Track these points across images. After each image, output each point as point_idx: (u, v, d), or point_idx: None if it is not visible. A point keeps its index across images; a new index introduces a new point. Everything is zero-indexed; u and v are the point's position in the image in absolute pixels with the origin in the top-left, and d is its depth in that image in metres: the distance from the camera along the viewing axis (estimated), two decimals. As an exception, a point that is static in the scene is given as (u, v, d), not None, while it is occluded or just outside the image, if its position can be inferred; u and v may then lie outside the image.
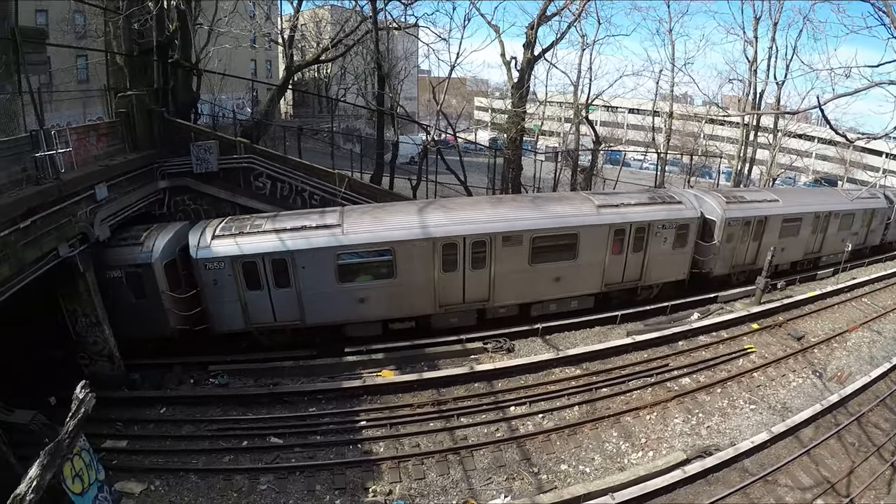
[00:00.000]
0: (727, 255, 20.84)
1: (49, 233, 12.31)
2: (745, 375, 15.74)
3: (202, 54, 25.94)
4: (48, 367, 14.56)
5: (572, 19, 28.17)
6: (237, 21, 29.02)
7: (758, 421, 13.81)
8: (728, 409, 14.27)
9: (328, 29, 40.41)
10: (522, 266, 17.19)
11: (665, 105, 38.40)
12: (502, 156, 28.55)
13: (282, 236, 15.53)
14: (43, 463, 7.20)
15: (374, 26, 25.61)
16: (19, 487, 7.08)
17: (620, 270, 18.78)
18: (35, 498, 7.16)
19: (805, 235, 22.94)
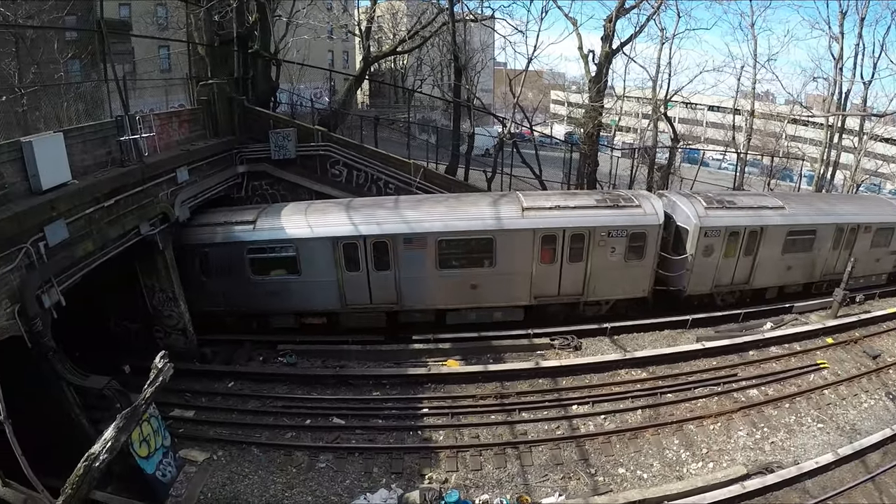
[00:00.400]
0: (706, 271, 17.71)
1: (131, 212, 12.97)
2: (815, 392, 14.51)
3: (281, 45, 26.79)
4: (124, 337, 15.48)
5: (651, 12, 26.95)
6: (315, 13, 29.84)
7: (824, 441, 12.75)
8: (794, 426, 13.25)
9: (404, 20, 40.74)
10: (430, 271, 16.16)
11: (746, 103, 36.12)
12: (578, 150, 27.79)
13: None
14: (119, 426, 7.48)
15: (451, 18, 25.40)
16: (94, 447, 7.39)
17: (555, 283, 16.85)
18: (108, 458, 7.46)
19: (821, 252, 18.88)
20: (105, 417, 9.95)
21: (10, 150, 9.73)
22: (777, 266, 18.52)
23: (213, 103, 18.00)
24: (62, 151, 10.79)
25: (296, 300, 16.55)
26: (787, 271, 18.79)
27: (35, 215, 9.73)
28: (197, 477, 11.00)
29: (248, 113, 19.39)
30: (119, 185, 12.43)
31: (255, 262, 15.99)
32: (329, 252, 15.80)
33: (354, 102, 35.79)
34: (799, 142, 41.52)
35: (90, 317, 14.73)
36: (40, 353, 9.40)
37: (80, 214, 11.07)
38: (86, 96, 14.32)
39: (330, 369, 15.21)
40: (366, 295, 16.42)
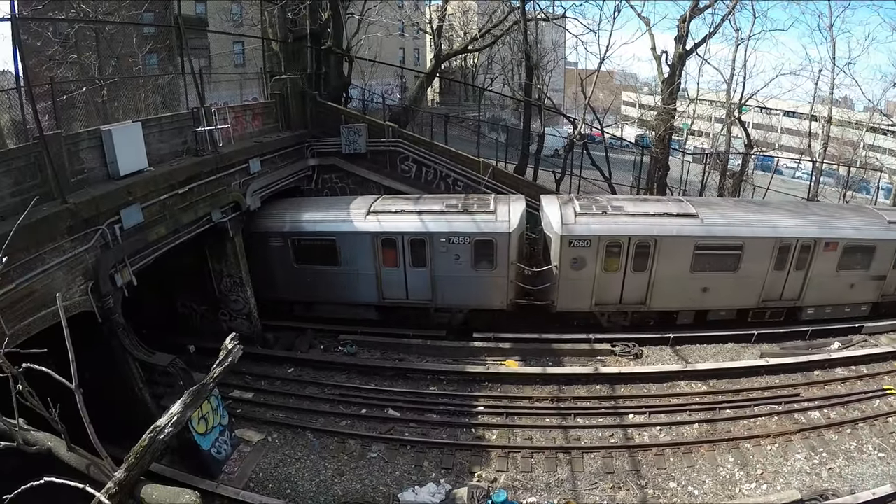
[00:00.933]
0: (582, 286, 15.99)
1: (204, 199, 13.58)
2: (880, 419, 13.25)
3: (353, 42, 27.28)
4: (190, 319, 16.18)
5: (726, 12, 25.49)
6: (387, 10, 30.22)
7: (884, 471, 11.62)
8: (854, 453, 12.16)
9: (475, 19, 40.53)
10: (287, 266, 16.67)
11: (823, 109, 33.49)
12: (649, 154, 26.69)
13: None
14: (186, 401, 7.73)
15: (523, 17, 25.06)
16: (161, 419, 7.69)
17: (401, 286, 16.46)
18: (173, 431, 7.73)
19: (754, 272, 16.07)
20: (166, 393, 10.46)
21: (90, 137, 10.40)
22: (684, 286, 16.15)
23: (285, 97, 18.55)
24: (140, 140, 11.43)
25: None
26: (703, 293, 16.28)
27: (112, 199, 10.35)
28: (250, 456, 11.33)
29: (320, 107, 19.83)
30: (193, 173, 13.05)
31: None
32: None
33: (425, 100, 36.04)
34: (877, 152, 38.31)
35: (159, 297, 15.57)
36: (110, 328, 9.97)
37: (154, 200, 11.71)
38: (163, 89, 15.16)
39: (389, 361, 15.36)
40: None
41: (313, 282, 16.77)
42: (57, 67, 20.21)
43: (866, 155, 37.18)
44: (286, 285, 17.00)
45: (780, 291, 16.59)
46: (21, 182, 9.03)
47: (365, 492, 10.83)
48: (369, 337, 16.58)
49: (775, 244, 15.86)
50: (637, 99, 59.45)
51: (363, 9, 26.58)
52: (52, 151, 9.12)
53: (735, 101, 29.64)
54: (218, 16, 32.40)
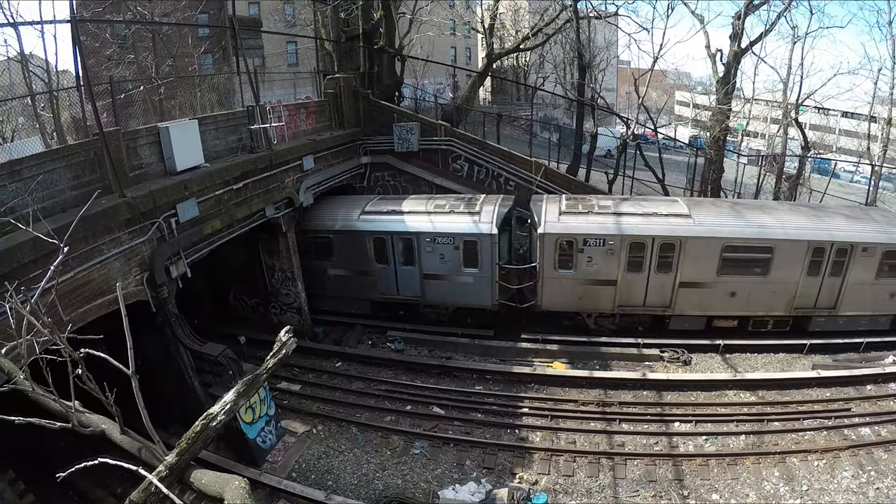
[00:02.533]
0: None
1: (258, 195, 13.97)
2: None
3: (405, 41, 27.46)
4: (241, 311, 16.67)
5: (782, 9, 24.16)
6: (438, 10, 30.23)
7: None
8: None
9: (527, 17, 40.07)
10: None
11: (883, 110, 31.40)
12: (703, 155, 25.76)
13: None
14: (239, 390, 7.86)
15: (575, 15, 24.57)
16: (213, 408, 7.90)
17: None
18: (225, 419, 7.92)
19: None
20: (215, 382, 10.78)
21: (148, 134, 10.86)
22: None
23: (338, 96, 18.86)
24: (196, 137, 11.86)
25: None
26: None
27: (169, 194, 10.77)
28: (295, 447, 11.55)
29: (373, 106, 20.05)
30: (248, 169, 13.43)
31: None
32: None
33: (477, 99, 35.93)
34: None
35: (212, 289, 16.12)
36: (164, 318, 10.37)
37: (210, 195, 12.13)
38: (218, 87, 15.68)
39: (436, 359, 15.40)
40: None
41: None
42: (115, 67, 21.18)
43: None
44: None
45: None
46: (80, 176, 9.50)
47: (406, 487, 10.86)
48: (416, 334, 16.64)
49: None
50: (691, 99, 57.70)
51: (415, 8, 26.75)
52: (110, 147, 9.54)
53: (791, 101, 28.43)
54: (271, 16, 33.34)
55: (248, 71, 13.94)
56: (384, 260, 16.55)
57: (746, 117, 35.97)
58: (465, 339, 16.26)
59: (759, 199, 26.14)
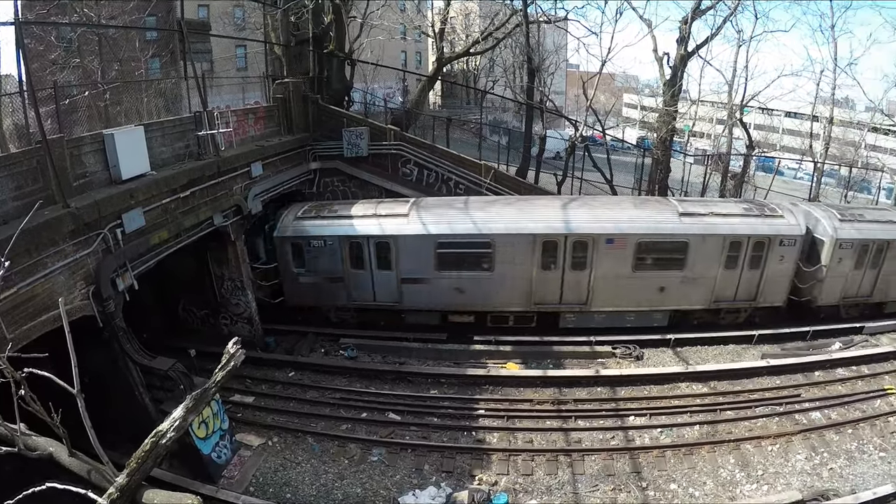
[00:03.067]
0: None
1: (206, 203, 13.61)
2: (880, 419, 13.36)
3: (355, 45, 27.34)
4: (191, 322, 16.20)
5: (728, 14, 25.57)
6: (389, 14, 30.34)
7: (885, 471, 11.71)
8: (855, 453, 12.26)
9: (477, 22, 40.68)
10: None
11: (825, 109, 33.61)
12: (650, 156, 26.72)
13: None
14: (188, 406, 7.73)
15: (525, 19, 25.15)
16: (163, 425, 7.70)
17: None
18: (175, 436, 7.74)
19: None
20: (166, 398, 10.47)
21: (93, 141, 10.45)
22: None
23: (288, 101, 18.59)
24: (142, 144, 11.48)
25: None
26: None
27: (114, 203, 10.38)
28: (251, 461, 11.34)
29: (322, 111, 19.84)
30: (195, 177, 13.09)
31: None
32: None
33: (427, 103, 36.13)
34: (879, 152, 38.98)
35: (161, 301, 15.59)
36: (111, 333, 9.98)
37: (156, 204, 11.75)
38: (165, 92, 15.23)
39: (389, 365, 15.35)
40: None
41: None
42: (60, 71, 20.29)
43: (868, 155, 37.51)
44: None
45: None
46: (23, 186, 9.06)
47: (365, 496, 10.83)
48: (370, 341, 16.56)
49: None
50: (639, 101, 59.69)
51: (365, 12, 26.70)
52: (54, 155, 9.14)
53: (736, 102, 29.71)
54: (220, 20, 32.49)
55: (195, 75, 13.60)
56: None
57: (693, 118, 37.31)
58: (418, 343, 16.27)
59: (705, 196, 27.34)
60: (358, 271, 16.41)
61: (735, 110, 29.62)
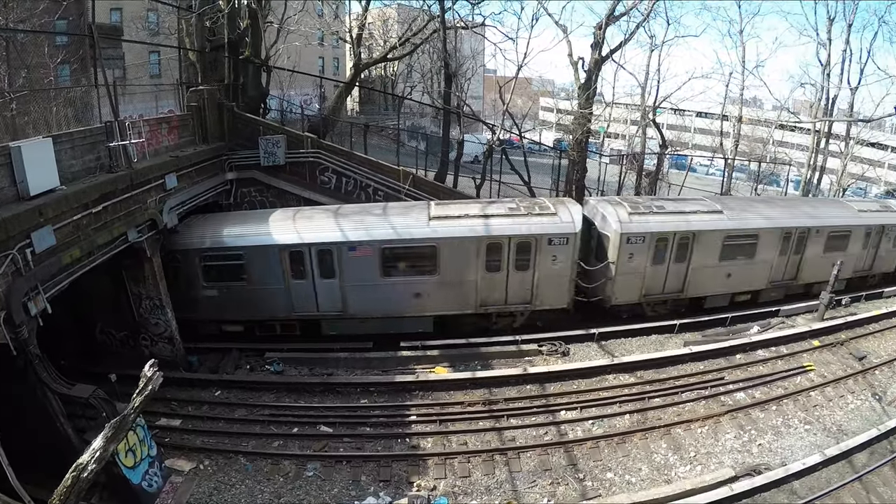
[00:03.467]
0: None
1: (119, 218, 12.90)
2: (802, 394, 14.82)
3: (272, 51, 26.83)
4: (110, 345, 15.26)
5: (641, 19, 27.41)
6: (306, 19, 29.91)
7: (811, 442, 13.03)
8: (781, 428, 13.51)
9: (395, 27, 40.98)
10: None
11: (734, 109, 36.75)
12: (567, 157, 27.98)
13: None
14: (107, 435, 7.40)
15: (442, 25, 25.62)
16: (82, 457, 7.32)
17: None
18: (97, 468, 7.39)
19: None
20: (90, 427, 9.89)
21: (-1, 155, 9.66)
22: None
23: (202, 109, 17.96)
24: (51, 157, 10.74)
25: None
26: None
27: (22, 221, 9.66)
28: (183, 487, 10.90)
29: (238, 119, 19.32)
30: (107, 190, 12.38)
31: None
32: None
33: (344, 109, 35.92)
34: (786, 147, 42.09)
35: (77, 325, 14.60)
36: (25, 361, 9.30)
37: (67, 220, 11.03)
38: (75, 101, 14.26)
39: (317, 377, 15.15)
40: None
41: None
42: (-37, 79, 18.32)
43: (776, 150, 40.76)
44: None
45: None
46: (-80, 207, 8.25)
47: (305, 512, 10.69)
48: (295, 353, 16.24)
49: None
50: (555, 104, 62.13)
51: (282, 17, 26.25)
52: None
53: (649, 104, 31.61)
54: (134, 24, 30.51)
55: (106, 83, 12.85)
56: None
57: (608, 120, 39.15)
58: (345, 353, 16.18)
59: (621, 194, 28.70)
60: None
61: (648, 111, 31.45)
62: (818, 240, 19.42)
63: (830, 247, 19.65)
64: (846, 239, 20.07)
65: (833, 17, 31.91)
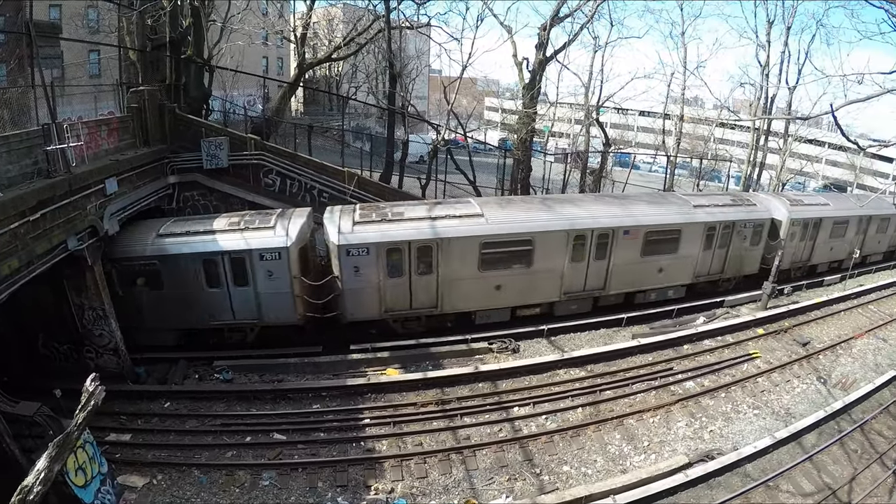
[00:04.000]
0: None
1: (59, 226, 12.38)
2: (750, 381, 15.63)
3: (214, 51, 26.15)
4: (54, 359, 14.64)
5: (585, 21, 28.24)
6: (250, 18, 29.28)
7: (761, 426, 13.74)
8: (731, 414, 14.18)
9: (340, 27, 40.67)
10: None
11: (676, 108, 38.27)
12: (512, 156, 28.52)
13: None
14: (51, 455, 7.18)
15: (387, 25, 25.69)
16: (27, 479, 7.09)
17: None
18: (43, 490, 7.17)
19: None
20: (38, 446, 9.51)
21: (-70, 164, 9.13)
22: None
23: (143, 111, 17.38)
24: (-15, 164, 10.21)
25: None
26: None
27: (-43, 233, 9.18)
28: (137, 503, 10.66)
29: (180, 121, 18.81)
30: (46, 197, 11.86)
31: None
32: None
33: (288, 110, 35.34)
34: (727, 144, 44.40)
35: (19, 339, 13.88)
36: (-35, 380, 8.86)
37: (4, 229, 10.53)
38: (11, 103, 13.47)
39: (268, 384, 14.97)
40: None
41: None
42: None
43: (716, 148, 42.91)
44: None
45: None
46: None
47: (262, 522, 10.62)
48: (245, 360, 15.97)
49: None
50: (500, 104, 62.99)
51: (226, 16, 25.61)
52: None
53: (593, 103, 32.50)
54: (73, 22, 28.75)
55: (44, 83, 12.25)
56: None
57: (552, 119, 39.93)
58: (295, 358, 16.03)
59: (566, 192, 29.45)
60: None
61: (592, 111, 32.36)
62: (631, 242, 17.66)
63: (652, 250, 18.06)
64: (675, 240, 18.42)
65: (772, 20, 33.49)
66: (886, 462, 12.94)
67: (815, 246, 22.99)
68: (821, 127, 52.40)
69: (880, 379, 15.93)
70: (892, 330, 19.81)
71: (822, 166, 57.63)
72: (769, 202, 21.65)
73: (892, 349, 18.32)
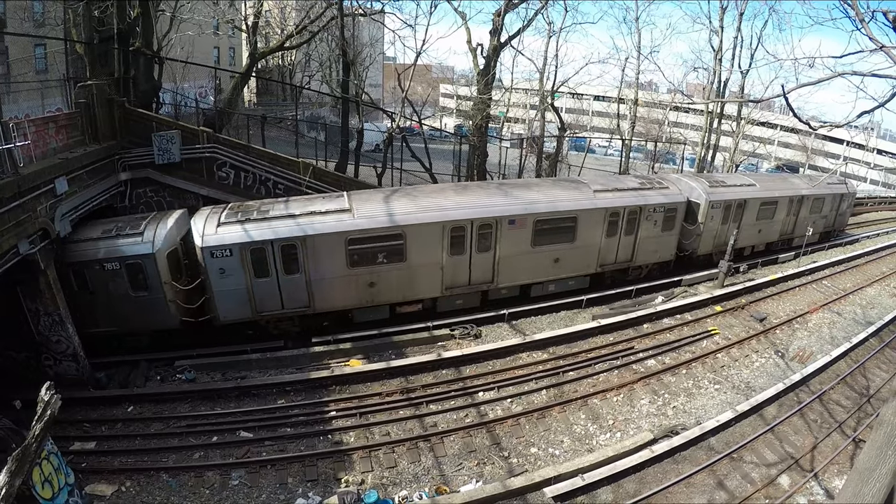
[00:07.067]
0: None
1: (8, 229, 11.96)
2: (710, 357, 16.09)
3: (164, 42, 25.26)
4: (11, 369, 14.23)
5: (539, 6, 28.50)
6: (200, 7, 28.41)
7: (722, 400, 14.20)
8: (693, 390, 14.60)
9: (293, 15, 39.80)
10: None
11: (630, 92, 38.88)
12: (468, 143, 28.64)
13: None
14: (11, 469, 7.12)
15: (340, 12, 25.38)
16: None
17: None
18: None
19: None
20: (2, 460, 9.36)
21: None
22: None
23: (92, 106, 16.76)
24: (-69, 170, 9.82)
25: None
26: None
27: None
28: (107, 511, 10.59)
29: (130, 115, 18.25)
30: (-7, 200, 11.48)
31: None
32: None
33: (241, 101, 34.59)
34: (681, 127, 45.61)
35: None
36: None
37: (-47, 237, 10.19)
38: (-44, 103, 12.91)
39: (231, 381, 14.90)
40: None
41: None
42: None
43: (671, 131, 44.03)
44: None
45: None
46: None
47: (234, 522, 10.64)
48: (206, 359, 15.89)
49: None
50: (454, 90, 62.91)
51: (175, 5, 24.75)
52: None
53: (548, 88, 32.83)
54: (17, 15, 26.97)
55: (-14, 85, 11.79)
56: None
57: (507, 105, 39.95)
58: (257, 354, 15.98)
59: (522, 177, 29.68)
60: None
61: (547, 96, 32.69)
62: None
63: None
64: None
65: (725, 6, 34.58)
66: (846, 430, 13.55)
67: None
68: (773, 110, 53.95)
69: (836, 351, 16.67)
70: (846, 304, 20.77)
71: (774, 148, 59.71)
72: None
73: (846, 322, 19.20)
